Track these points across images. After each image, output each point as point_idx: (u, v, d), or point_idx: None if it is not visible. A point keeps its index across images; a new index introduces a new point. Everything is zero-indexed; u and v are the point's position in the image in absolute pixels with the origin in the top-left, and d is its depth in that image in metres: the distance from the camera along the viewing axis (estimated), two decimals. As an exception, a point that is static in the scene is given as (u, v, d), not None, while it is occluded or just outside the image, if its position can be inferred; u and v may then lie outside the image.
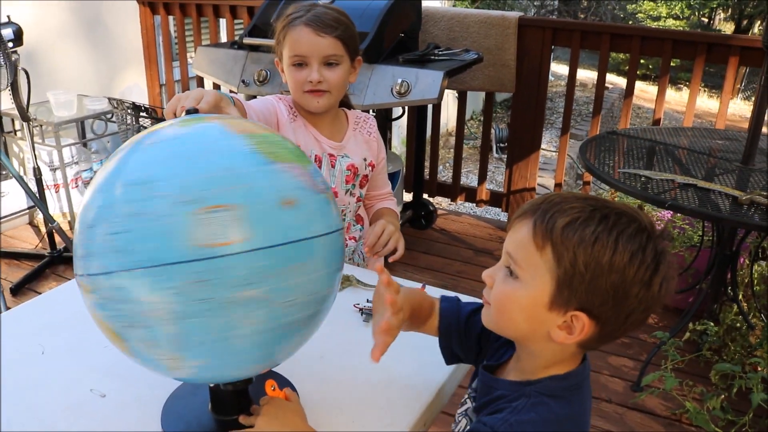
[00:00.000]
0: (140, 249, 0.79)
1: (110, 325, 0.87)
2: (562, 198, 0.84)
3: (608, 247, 0.78)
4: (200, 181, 0.81)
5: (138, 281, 0.80)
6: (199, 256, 0.78)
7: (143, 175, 0.83)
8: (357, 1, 3.14)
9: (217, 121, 0.92)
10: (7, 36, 2.77)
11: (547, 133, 8.34)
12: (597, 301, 0.80)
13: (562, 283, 0.80)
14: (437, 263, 3.29)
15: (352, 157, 1.65)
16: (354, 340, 1.25)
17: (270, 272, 0.82)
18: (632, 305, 0.81)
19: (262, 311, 0.82)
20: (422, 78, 2.70)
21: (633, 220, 0.81)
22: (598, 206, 0.82)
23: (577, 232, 0.79)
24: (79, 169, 3.75)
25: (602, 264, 0.79)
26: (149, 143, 0.88)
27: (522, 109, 3.53)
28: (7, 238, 3.49)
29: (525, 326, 0.86)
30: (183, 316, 0.80)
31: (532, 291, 0.83)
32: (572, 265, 0.79)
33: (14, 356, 1.20)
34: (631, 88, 3.35)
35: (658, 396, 2.34)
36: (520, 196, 3.63)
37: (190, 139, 0.88)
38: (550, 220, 0.81)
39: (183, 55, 4.20)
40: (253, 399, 1.03)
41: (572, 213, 0.81)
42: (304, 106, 1.58)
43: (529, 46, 3.37)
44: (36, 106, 3.51)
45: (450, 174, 4.55)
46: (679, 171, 2.35)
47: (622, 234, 0.79)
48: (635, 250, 0.79)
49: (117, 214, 0.82)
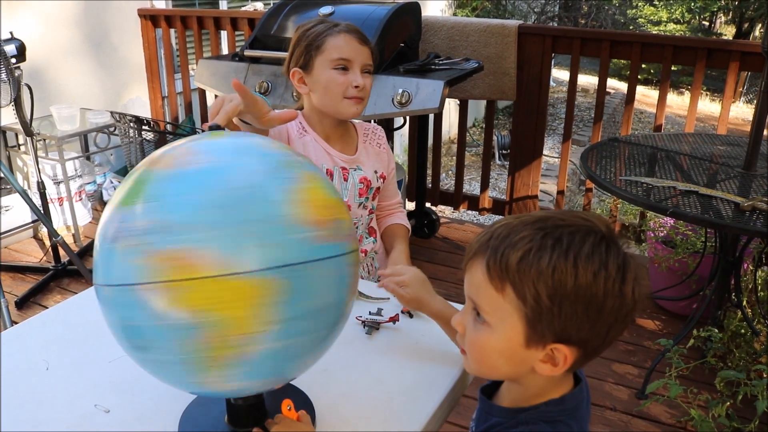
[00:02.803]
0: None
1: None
2: (509, 229, 0.80)
3: (569, 273, 0.75)
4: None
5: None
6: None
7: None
8: (357, 11, 3.16)
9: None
10: (10, 52, 2.79)
11: (549, 139, 8.34)
12: (572, 329, 0.77)
13: (532, 320, 0.78)
14: (441, 272, 3.30)
15: (364, 170, 1.66)
16: (357, 353, 1.25)
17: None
18: (609, 320, 0.78)
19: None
20: (423, 88, 2.71)
21: (587, 233, 0.78)
22: (548, 229, 0.78)
23: (534, 266, 0.76)
24: (83, 182, 3.77)
25: (567, 292, 0.75)
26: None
27: (523, 117, 3.54)
28: (12, 252, 3.50)
29: (507, 369, 0.83)
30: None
31: (504, 334, 0.80)
32: (537, 300, 0.76)
33: (18, 371, 1.21)
34: (632, 94, 3.36)
35: (662, 403, 2.33)
36: (522, 203, 3.63)
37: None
38: (502, 259, 0.78)
39: (185, 67, 4.22)
40: (269, 412, 1.04)
41: (523, 245, 0.77)
42: (339, 112, 1.58)
43: (529, 54, 3.38)
44: (39, 120, 3.53)
45: (453, 182, 4.56)
46: (680, 178, 2.35)
47: (579, 255, 0.76)
48: (597, 268, 0.76)
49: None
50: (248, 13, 4.19)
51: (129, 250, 0.82)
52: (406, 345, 1.29)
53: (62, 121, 3.52)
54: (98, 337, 1.28)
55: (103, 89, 4.15)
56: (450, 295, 3.00)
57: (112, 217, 0.86)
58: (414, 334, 1.32)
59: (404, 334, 1.32)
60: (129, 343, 0.88)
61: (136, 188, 0.85)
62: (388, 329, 1.33)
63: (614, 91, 10.84)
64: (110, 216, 0.87)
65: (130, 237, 0.83)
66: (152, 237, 0.81)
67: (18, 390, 1.16)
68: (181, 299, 0.80)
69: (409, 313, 1.37)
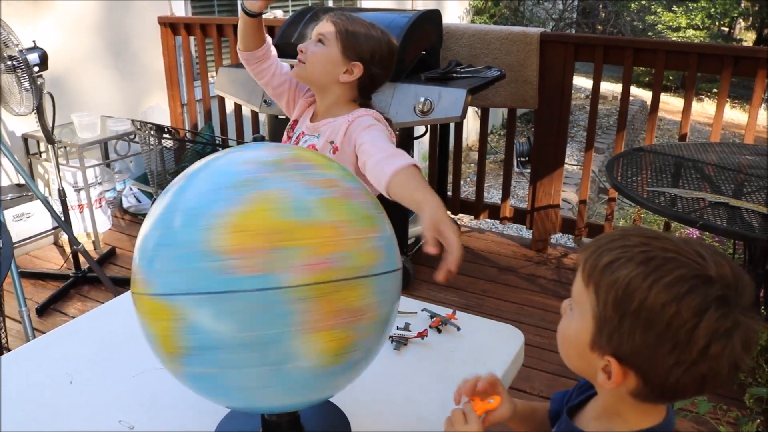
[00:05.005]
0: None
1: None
2: (621, 234, 0.80)
3: (639, 291, 0.73)
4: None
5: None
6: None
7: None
8: (378, 19, 3.14)
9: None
10: (32, 61, 2.80)
11: (568, 146, 8.26)
12: (627, 350, 0.75)
13: (599, 324, 0.77)
14: (461, 282, 3.26)
15: (319, 139, 1.61)
16: (384, 370, 1.23)
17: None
18: (669, 360, 0.73)
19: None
20: (445, 96, 2.68)
21: (683, 266, 0.74)
22: (650, 248, 0.76)
23: (614, 273, 0.75)
24: (103, 189, 3.78)
25: (630, 310, 0.74)
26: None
27: (545, 125, 3.50)
28: (33, 259, 3.51)
29: (577, 363, 0.84)
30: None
31: (579, 326, 0.81)
32: (605, 307, 0.76)
33: (42, 385, 1.20)
34: (656, 103, 3.31)
35: (691, 420, 2.28)
36: (544, 213, 3.59)
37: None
38: (597, 258, 0.78)
39: (204, 74, 4.23)
40: (304, 427, 1.03)
41: (617, 252, 0.77)
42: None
43: (551, 61, 3.34)
44: (60, 127, 3.55)
45: (472, 189, 4.53)
46: (708, 188, 2.30)
47: (659, 280, 0.73)
48: (668, 300, 0.72)
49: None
50: (268, 21, 4.19)
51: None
52: (435, 361, 1.26)
53: (83, 129, 3.53)
54: (122, 350, 1.27)
55: (124, 97, 4.17)
56: (470, 306, 3.00)
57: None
58: (443, 350, 1.29)
59: (433, 350, 1.30)
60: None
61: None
62: (416, 345, 1.31)
63: (633, 98, 10.76)
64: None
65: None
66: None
67: (42, 404, 1.15)
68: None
69: (437, 328, 1.34)
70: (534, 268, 3.42)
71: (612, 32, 10.99)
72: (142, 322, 0.88)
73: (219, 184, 0.87)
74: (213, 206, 0.84)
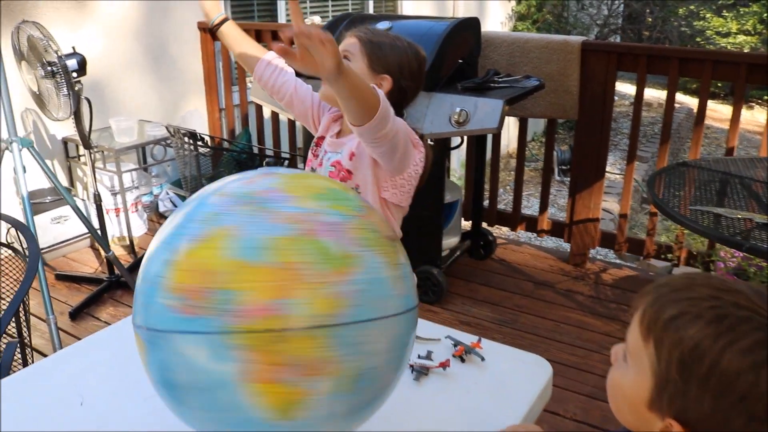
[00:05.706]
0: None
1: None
2: (686, 284, 0.72)
3: (709, 356, 0.66)
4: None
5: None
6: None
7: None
8: (415, 26, 3.09)
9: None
10: (71, 66, 2.83)
11: (611, 154, 8.09)
12: (693, 416, 0.68)
13: (659, 384, 0.70)
14: (496, 296, 3.18)
15: (342, 154, 1.56)
16: (404, 401, 1.17)
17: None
18: (739, 423, 0.67)
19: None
20: (481, 107, 2.62)
21: (760, 328, 0.66)
22: (720, 304, 0.68)
23: (679, 331, 0.68)
24: (140, 193, 3.81)
25: (698, 374, 0.66)
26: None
27: (585, 137, 3.40)
28: (70, 261, 3.55)
29: (630, 418, 0.77)
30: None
31: (635, 382, 0.73)
32: (668, 367, 0.69)
33: (52, 407, 1.18)
34: (702, 114, 3.19)
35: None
36: (583, 226, 3.49)
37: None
38: (659, 309, 0.70)
39: (242, 80, 4.24)
40: None
41: (683, 306, 0.69)
42: None
43: (592, 71, 3.25)
44: (99, 132, 3.58)
45: (509, 198, 4.44)
46: (756, 208, 2.19)
47: (733, 343, 0.65)
48: (744, 368, 0.65)
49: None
50: (268, 25, 4.17)
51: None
52: (457, 393, 1.20)
53: (120, 134, 3.56)
54: (133, 371, 1.24)
55: (162, 102, 4.19)
56: (504, 321, 2.92)
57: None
58: (466, 381, 1.23)
59: (455, 380, 1.24)
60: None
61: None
62: (437, 375, 1.25)
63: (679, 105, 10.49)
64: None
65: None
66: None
67: (51, 427, 1.12)
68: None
69: (461, 357, 1.28)
70: (571, 284, 3.33)
71: (659, 38, 10.75)
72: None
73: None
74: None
